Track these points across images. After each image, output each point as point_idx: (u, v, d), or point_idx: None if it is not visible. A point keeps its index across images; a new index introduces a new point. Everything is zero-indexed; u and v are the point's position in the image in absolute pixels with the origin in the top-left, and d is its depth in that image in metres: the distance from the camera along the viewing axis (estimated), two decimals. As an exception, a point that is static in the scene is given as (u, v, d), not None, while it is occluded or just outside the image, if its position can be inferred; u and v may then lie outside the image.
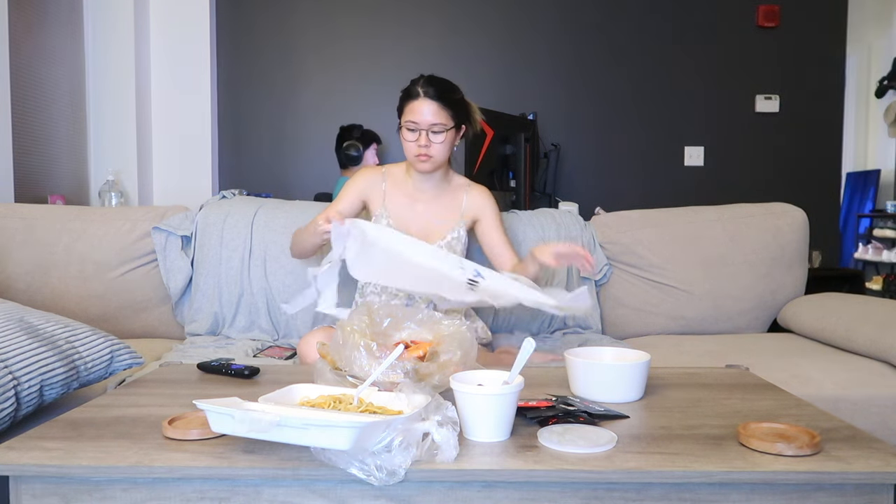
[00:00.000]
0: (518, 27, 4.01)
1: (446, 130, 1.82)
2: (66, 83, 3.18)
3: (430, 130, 1.81)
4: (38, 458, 0.92)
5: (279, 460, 0.92)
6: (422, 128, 1.81)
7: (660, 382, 1.33)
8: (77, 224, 2.20)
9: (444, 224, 1.94)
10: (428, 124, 1.80)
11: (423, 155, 1.82)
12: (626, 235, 2.29)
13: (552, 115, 3.97)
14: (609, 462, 0.92)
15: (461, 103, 1.88)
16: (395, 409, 1.03)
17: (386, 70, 3.92)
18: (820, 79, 4.06)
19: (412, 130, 1.82)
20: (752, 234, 2.27)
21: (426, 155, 1.82)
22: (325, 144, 3.80)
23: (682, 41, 4.02)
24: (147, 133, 3.59)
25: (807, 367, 1.76)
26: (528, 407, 1.11)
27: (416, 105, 1.81)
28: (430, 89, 1.82)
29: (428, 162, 1.84)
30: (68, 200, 3.05)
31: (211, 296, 2.17)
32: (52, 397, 1.38)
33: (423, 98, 1.81)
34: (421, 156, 1.83)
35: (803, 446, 0.94)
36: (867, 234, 6.27)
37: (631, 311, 2.27)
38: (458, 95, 1.88)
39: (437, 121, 1.81)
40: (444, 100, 1.82)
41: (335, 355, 1.23)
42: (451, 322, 1.29)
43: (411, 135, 1.82)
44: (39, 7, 2.94)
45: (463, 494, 0.92)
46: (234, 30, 3.92)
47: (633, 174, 4.06)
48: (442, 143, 1.83)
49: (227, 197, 2.33)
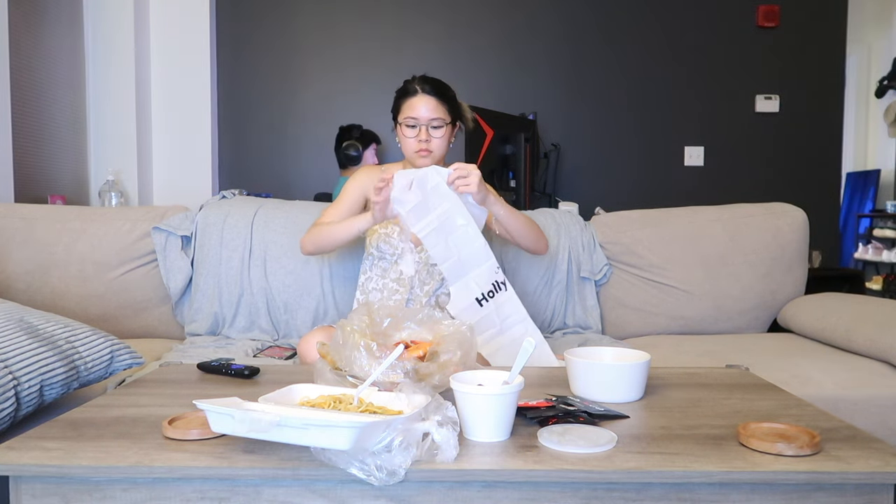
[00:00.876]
0: (518, 27, 4.01)
1: (445, 125, 1.85)
2: (66, 83, 3.18)
3: (430, 125, 1.84)
4: (38, 458, 0.92)
5: (279, 460, 0.92)
6: (421, 123, 1.83)
7: (660, 382, 1.33)
8: (77, 224, 2.20)
9: None
10: (427, 119, 1.83)
11: (423, 150, 1.84)
12: (626, 235, 2.29)
13: (552, 115, 3.97)
14: (609, 462, 0.92)
15: (455, 100, 1.92)
16: (395, 409, 1.03)
17: (386, 70, 3.92)
18: (820, 79, 4.06)
19: (412, 126, 1.84)
20: (752, 234, 2.27)
21: (426, 150, 1.84)
22: (325, 144, 3.81)
23: (682, 41, 4.02)
24: (147, 133, 3.59)
25: (807, 367, 1.76)
26: (528, 407, 1.11)
27: (414, 101, 1.84)
28: (427, 86, 1.86)
29: (428, 157, 1.86)
30: (68, 200, 3.05)
31: (211, 296, 2.17)
32: (52, 397, 1.38)
33: (421, 94, 1.84)
34: (421, 151, 1.84)
35: (803, 446, 0.94)
36: (867, 234, 6.27)
37: (631, 311, 2.27)
38: (452, 93, 1.91)
39: (437, 115, 1.84)
40: (442, 95, 1.86)
41: (335, 355, 1.23)
42: (451, 322, 1.29)
43: (411, 131, 1.85)
44: (39, 7, 2.94)
45: (463, 494, 0.92)
46: (234, 30, 3.92)
47: (633, 174, 4.06)
48: (441, 138, 1.86)
49: (227, 197, 2.33)
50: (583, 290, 2.27)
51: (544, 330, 2.25)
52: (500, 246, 2.25)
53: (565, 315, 2.26)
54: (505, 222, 1.84)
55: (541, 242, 1.94)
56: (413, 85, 1.87)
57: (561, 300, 2.25)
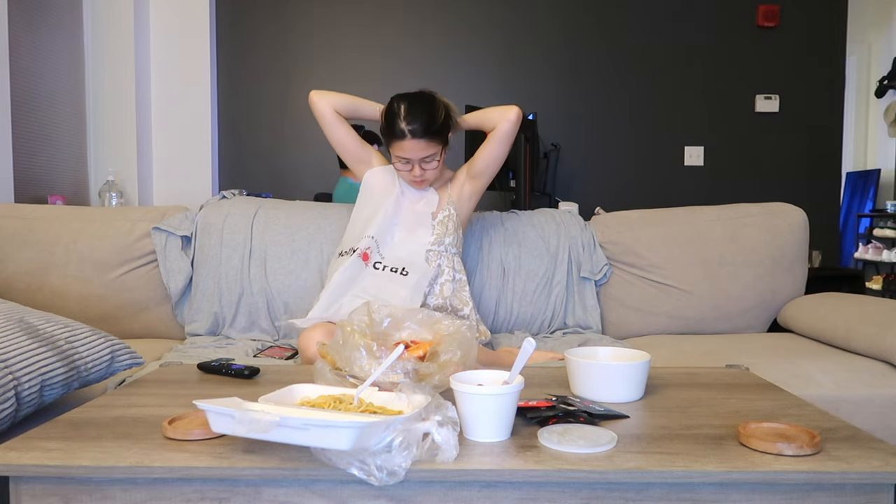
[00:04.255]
0: (518, 27, 4.01)
1: (437, 156, 1.91)
2: (66, 83, 3.18)
3: (423, 162, 1.90)
4: (38, 459, 0.92)
5: (279, 460, 0.92)
6: (414, 161, 1.90)
7: (660, 382, 1.33)
8: (77, 224, 2.20)
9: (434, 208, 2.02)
10: (419, 158, 1.89)
11: (418, 181, 1.95)
12: (626, 235, 2.29)
13: (552, 115, 3.97)
14: (609, 462, 0.92)
15: (444, 124, 1.90)
16: (395, 409, 1.03)
17: (386, 70, 3.92)
18: (820, 79, 4.06)
19: (405, 162, 1.91)
20: (752, 234, 2.27)
21: (420, 180, 1.95)
22: (325, 145, 3.79)
23: (682, 41, 4.02)
24: (147, 133, 3.59)
25: (807, 367, 1.76)
26: (528, 407, 1.11)
27: (405, 144, 1.87)
28: (415, 127, 1.84)
29: (423, 183, 1.97)
30: (68, 200, 3.05)
31: (211, 296, 2.17)
32: (52, 397, 1.38)
33: (410, 138, 1.85)
34: (416, 182, 1.96)
35: (803, 446, 0.94)
36: (867, 233, 6.27)
37: (631, 311, 2.27)
38: (439, 119, 1.88)
39: (427, 153, 1.88)
40: (430, 133, 1.86)
41: (335, 355, 1.23)
42: (451, 322, 1.29)
43: (404, 165, 1.92)
44: (39, 7, 2.94)
45: (463, 494, 0.92)
46: (233, 30, 3.92)
47: (633, 174, 4.06)
48: (434, 168, 1.94)
49: (228, 197, 2.33)
50: (583, 290, 2.27)
51: (544, 330, 2.25)
52: (500, 247, 2.25)
53: (565, 315, 2.26)
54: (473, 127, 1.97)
55: (505, 114, 1.96)
56: (400, 126, 1.84)
57: (561, 300, 2.25)
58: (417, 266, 1.92)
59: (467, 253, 2.22)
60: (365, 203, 2.04)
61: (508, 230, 2.28)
